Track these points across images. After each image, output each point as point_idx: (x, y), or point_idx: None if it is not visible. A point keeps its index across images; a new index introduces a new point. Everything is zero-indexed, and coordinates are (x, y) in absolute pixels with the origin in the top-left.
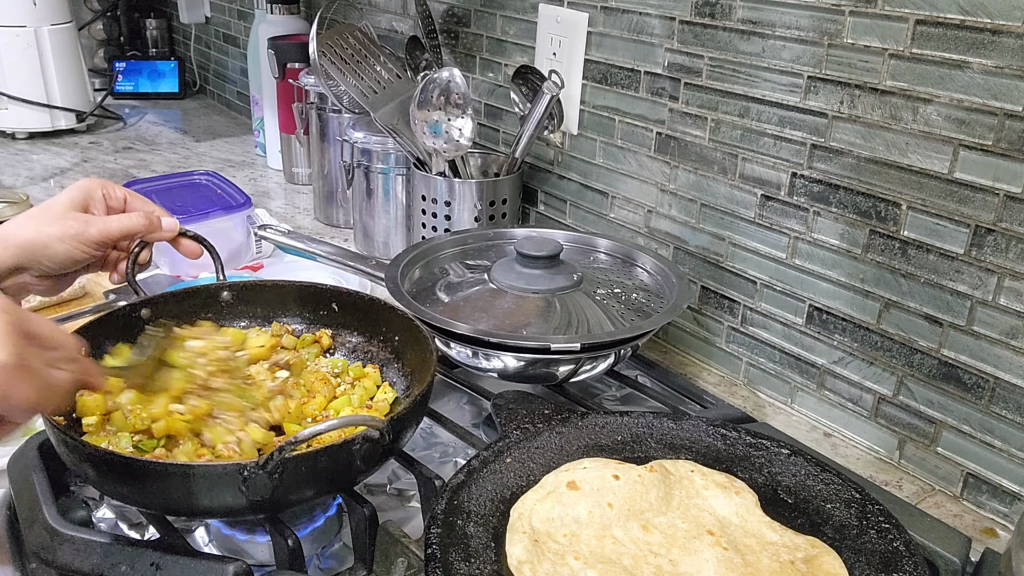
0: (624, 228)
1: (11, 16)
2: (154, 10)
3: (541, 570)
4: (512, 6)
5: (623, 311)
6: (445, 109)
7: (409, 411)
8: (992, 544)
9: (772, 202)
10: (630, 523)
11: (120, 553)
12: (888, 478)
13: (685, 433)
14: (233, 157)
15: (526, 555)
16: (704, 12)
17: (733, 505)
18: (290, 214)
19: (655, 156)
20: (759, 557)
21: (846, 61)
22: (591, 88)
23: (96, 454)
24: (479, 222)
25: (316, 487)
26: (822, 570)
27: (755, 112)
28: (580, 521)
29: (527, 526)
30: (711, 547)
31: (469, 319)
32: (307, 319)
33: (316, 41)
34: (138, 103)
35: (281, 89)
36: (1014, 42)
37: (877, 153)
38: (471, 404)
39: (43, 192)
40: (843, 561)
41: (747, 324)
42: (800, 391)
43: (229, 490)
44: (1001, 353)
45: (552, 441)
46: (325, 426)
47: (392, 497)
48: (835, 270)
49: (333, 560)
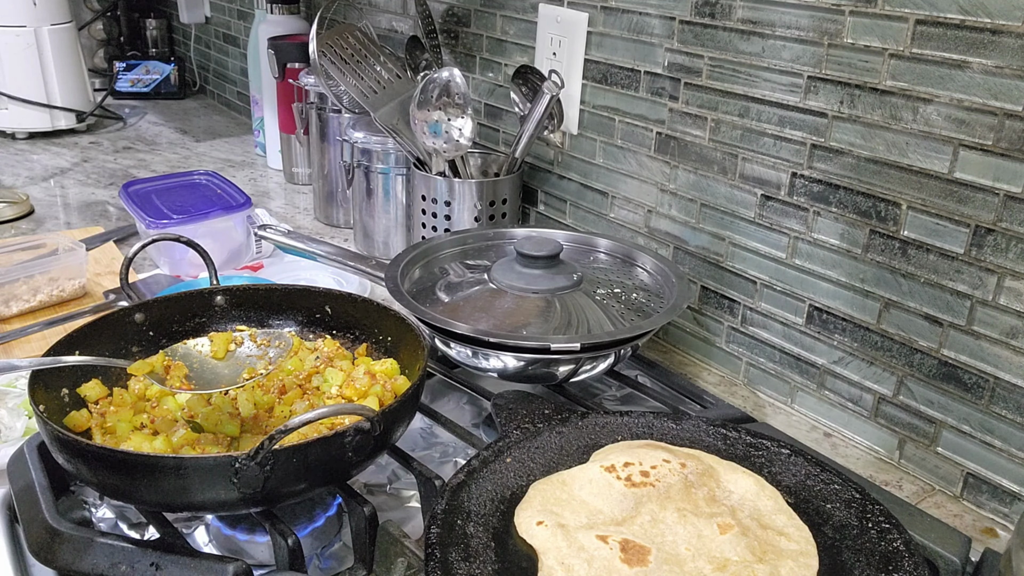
0: (624, 228)
1: (11, 16)
2: (154, 10)
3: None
4: (512, 6)
5: (623, 311)
6: (445, 109)
7: (401, 404)
8: (992, 544)
9: (772, 202)
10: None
11: (120, 553)
12: (888, 478)
13: (685, 433)
14: (233, 157)
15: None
16: (704, 12)
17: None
18: (290, 214)
19: (655, 156)
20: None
21: (846, 61)
22: (591, 88)
23: (88, 449)
24: (479, 222)
25: (309, 479)
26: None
27: (755, 112)
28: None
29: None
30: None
31: (469, 319)
32: (301, 322)
33: (316, 41)
34: (138, 103)
35: (281, 89)
36: (1014, 42)
37: (877, 153)
38: (471, 404)
39: (43, 192)
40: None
41: (747, 324)
42: (800, 391)
43: (221, 483)
44: (1001, 353)
45: (552, 441)
46: (315, 414)
47: (392, 497)
48: (835, 270)
49: (333, 560)
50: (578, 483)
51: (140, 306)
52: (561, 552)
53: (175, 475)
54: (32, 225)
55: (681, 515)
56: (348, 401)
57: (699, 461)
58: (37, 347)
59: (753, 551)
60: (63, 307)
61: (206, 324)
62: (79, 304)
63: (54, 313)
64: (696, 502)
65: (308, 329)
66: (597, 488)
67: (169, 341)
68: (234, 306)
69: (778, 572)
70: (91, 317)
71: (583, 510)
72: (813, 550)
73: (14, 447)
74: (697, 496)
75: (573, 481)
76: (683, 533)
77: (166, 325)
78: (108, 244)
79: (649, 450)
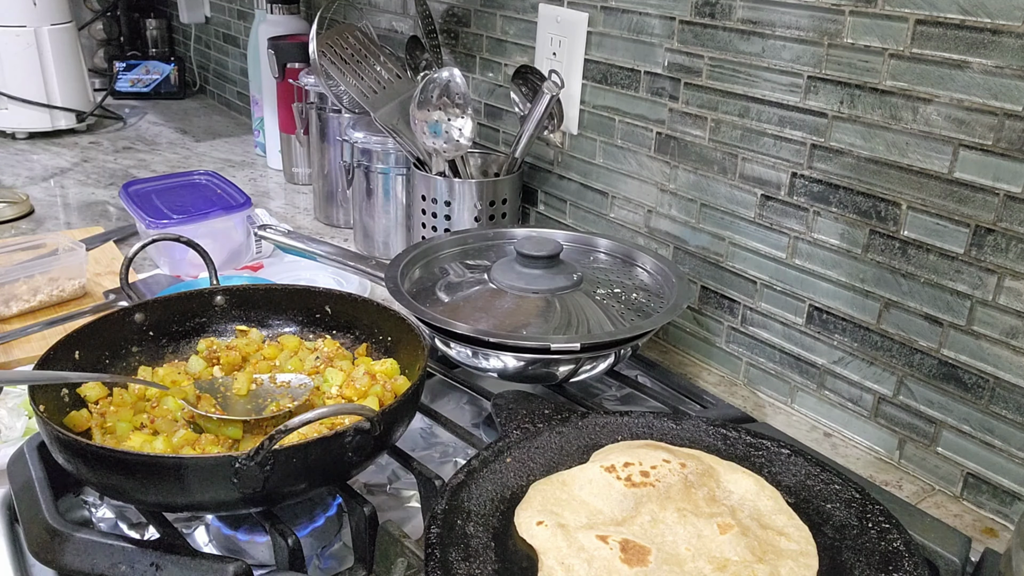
0: (624, 228)
1: (11, 16)
2: (154, 10)
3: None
4: (512, 6)
5: (623, 311)
6: (445, 109)
7: (401, 404)
8: (992, 544)
9: (772, 202)
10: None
11: (120, 553)
12: (888, 478)
13: (685, 433)
14: (233, 157)
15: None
16: (704, 12)
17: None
18: (290, 214)
19: (655, 156)
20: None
21: (846, 61)
22: (591, 88)
23: (88, 449)
24: (479, 222)
25: (308, 479)
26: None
27: (755, 112)
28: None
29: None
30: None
31: (469, 319)
32: (300, 322)
33: (316, 41)
34: (138, 103)
35: (281, 89)
36: (1014, 42)
37: (877, 153)
38: (471, 404)
39: (43, 192)
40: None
41: (747, 324)
42: (800, 391)
43: (221, 483)
44: (1001, 353)
45: (552, 441)
46: (315, 414)
47: (392, 497)
48: (835, 270)
49: (333, 560)
50: (578, 483)
51: (140, 306)
52: (561, 552)
53: (175, 475)
54: (32, 225)
55: (681, 515)
56: (348, 401)
57: (699, 461)
58: (37, 347)
59: (753, 551)
60: (63, 307)
61: (206, 324)
62: (79, 304)
63: (54, 313)
64: (696, 502)
65: (308, 329)
66: (597, 488)
67: (169, 341)
68: (234, 306)
69: (778, 572)
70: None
71: (583, 510)
72: (813, 550)
73: (14, 447)
74: (697, 496)
75: (573, 481)
76: (683, 533)
77: (166, 325)
78: (108, 244)
79: (649, 450)
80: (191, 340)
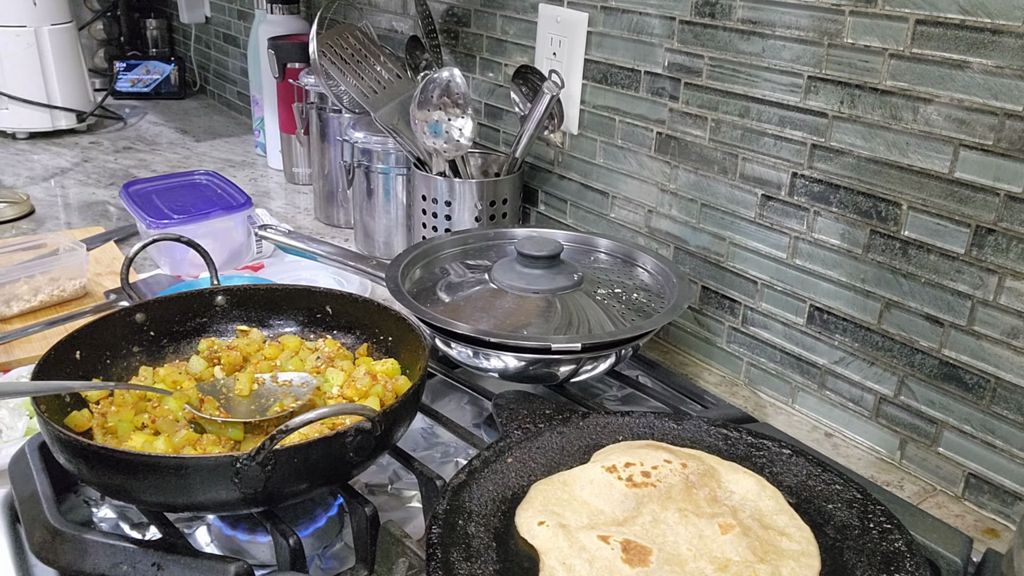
0: (624, 228)
1: (11, 16)
2: (154, 10)
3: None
4: (512, 6)
5: (624, 311)
6: (445, 109)
7: (402, 404)
8: (994, 544)
9: (772, 202)
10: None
11: (121, 553)
12: (889, 478)
13: (686, 433)
14: (233, 157)
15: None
16: (704, 12)
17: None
18: (290, 214)
19: (655, 156)
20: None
21: (846, 61)
22: (591, 88)
23: (89, 449)
24: (479, 222)
25: (310, 479)
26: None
27: (755, 112)
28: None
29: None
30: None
31: (470, 319)
32: (301, 322)
33: (316, 41)
34: (138, 103)
35: (281, 89)
36: (1014, 42)
37: (877, 153)
38: (472, 404)
39: (43, 192)
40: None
41: (748, 324)
42: (801, 391)
43: (222, 483)
44: (1002, 353)
45: (553, 441)
46: (316, 414)
47: (393, 497)
48: (836, 270)
49: (334, 560)
50: (579, 483)
51: (141, 306)
52: (562, 552)
53: (176, 475)
54: (33, 225)
55: (682, 515)
56: (349, 401)
57: (700, 461)
58: (38, 347)
59: (754, 551)
60: (64, 307)
61: (207, 324)
62: (80, 304)
63: (55, 313)
64: (697, 502)
65: (309, 329)
66: (598, 488)
67: (170, 341)
68: (235, 306)
69: (779, 572)
70: (92, 317)
71: (584, 510)
72: (815, 550)
73: (16, 447)
74: (698, 496)
75: (574, 481)
76: (684, 533)
77: (167, 325)
78: (109, 244)
79: (650, 450)
80: (192, 340)
